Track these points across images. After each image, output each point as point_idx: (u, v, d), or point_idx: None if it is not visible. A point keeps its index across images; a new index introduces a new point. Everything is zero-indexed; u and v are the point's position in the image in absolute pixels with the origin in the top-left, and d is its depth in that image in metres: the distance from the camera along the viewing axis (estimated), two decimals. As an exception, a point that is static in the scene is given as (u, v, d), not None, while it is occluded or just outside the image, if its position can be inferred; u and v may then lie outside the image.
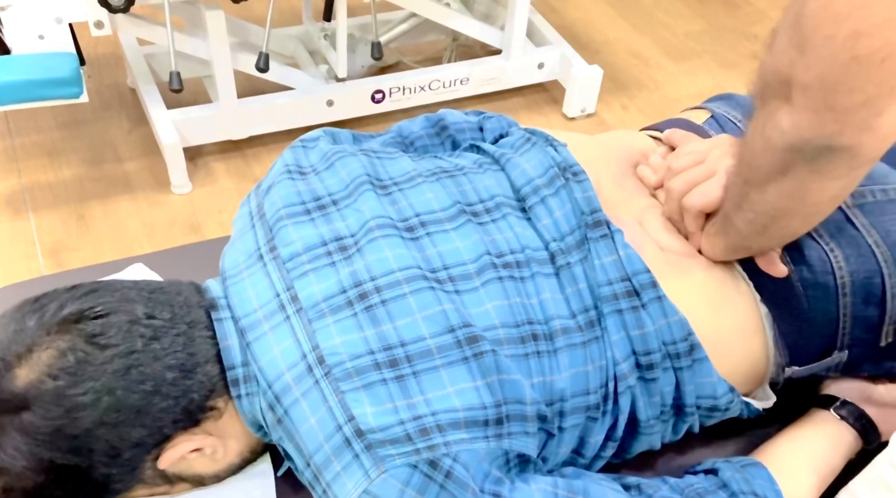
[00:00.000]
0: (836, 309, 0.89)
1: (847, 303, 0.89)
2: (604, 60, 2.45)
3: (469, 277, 0.82)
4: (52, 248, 1.86)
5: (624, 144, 1.02)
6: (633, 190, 0.96)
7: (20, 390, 0.74)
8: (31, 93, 1.70)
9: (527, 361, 0.80)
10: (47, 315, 0.77)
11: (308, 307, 0.79)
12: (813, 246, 0.89)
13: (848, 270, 0.88)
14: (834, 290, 0.88)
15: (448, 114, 1.10)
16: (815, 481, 0.90)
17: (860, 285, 0.89)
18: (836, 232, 0.89)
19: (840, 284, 0.88)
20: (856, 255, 0.89)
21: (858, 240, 0.89)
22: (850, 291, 0.89)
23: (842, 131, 0.68)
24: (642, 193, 0.97)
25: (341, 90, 2.10)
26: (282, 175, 0.92)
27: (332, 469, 0.74)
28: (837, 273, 0.88)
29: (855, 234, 0.89)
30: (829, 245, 0.89)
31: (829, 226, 0.89)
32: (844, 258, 0.88)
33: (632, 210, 0.94)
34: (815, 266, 0.88)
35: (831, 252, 0.88)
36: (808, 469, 0.90)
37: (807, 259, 0.89)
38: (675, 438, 0.93)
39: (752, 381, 0.93)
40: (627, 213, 0.93)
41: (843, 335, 0.91)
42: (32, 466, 0.75)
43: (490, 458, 0.75)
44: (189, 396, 0.79)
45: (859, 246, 0.89)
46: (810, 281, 0.89)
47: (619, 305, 0.84)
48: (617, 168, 0.97)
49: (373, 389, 0.75)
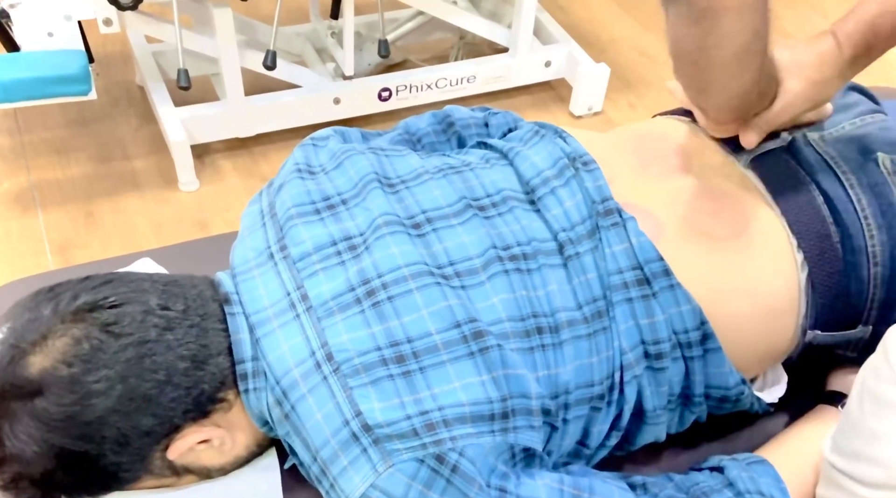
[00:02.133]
0: (867, 277, 0.90)
1: (877, 273, 0.90)
2: (611, 58, 2.45)
3: (475, 271, 0.83)
4: (61, 244, 1.87)
5: (645, 130, 1.02)
6: (660, 174, 0.95)
7: (34, 377, 0.75)
8: (40, 90, 1.71)
9: (532, 355, 0.81)
10: (62, 304, 0.78)
11: (317, 305, 0.80)
12: (850, 211, 0.90)
13: (879, 239, 0.90)
14: (866, 257, 0.90)
15: (454, 110, 1.10)
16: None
17: (889, 256, 0.90)
18: (874, 200, 0.91)
19: (871, 252, 0.90)
20: (888, 225, 0.90)
21: (894, 209, 0.91)
22: (881, 261, 0.90)
23: None
24: (672, 175, 0.95)
25: (348, 88, 2.10)
26: (292, 174, 0.93)
27: (340, 463, 0.75)
28: (869, 241, 0.90)
29: (892, 201, 0.91)
30: (864, 212, 0.90)
31: (868, 192, 0.91)
32: (877, 227, 0.90)
33: (659, 195, 0.92)
34: (851, 230, 0.90)
35: (864, 219, 0.90)
36: (813, 467, 0.90)
37: (846, 223, 0.90)
38: (681, 429, 0.93)
39: (767, 360, 0.94)
40: (652, 198, 0.92)
41: (870, 308, 0.92)
42: (44, 452, 0.76)
43: (496, 452, 0.76)
44: (200, 387, 0.80)
45: (893, 216, 0.91)
46: (848, 245, 0.90)
47: (630, 294, 0.85)
48: (640, 153, 0.97)
49: (380, 384, 0.75)
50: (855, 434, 0.73)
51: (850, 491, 0.73)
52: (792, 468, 0.89)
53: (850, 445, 0.74)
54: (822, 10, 2.79)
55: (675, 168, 0.96)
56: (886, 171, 0.92)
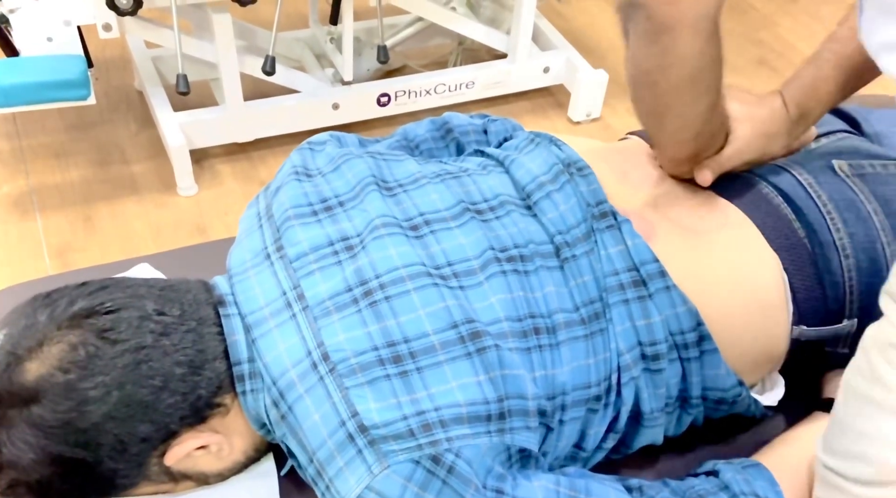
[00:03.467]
0: (840, 270, 0.92)
1: (850, 265, 0.92)
2: (609, 65, 2.45)
3: (473, 272, 0.83)
4: (59, 248, 1.87)
5: (626, 146, 1.05)
6: (639, 182, 0.98)
7: (30, 383, 0.75)
8: (40, 94, 1.71)
9: (529, 355, 0.81)
10: (58, 310, 0.78)
11: (314, 305, 0.80)
12: (812, 207, 0.93)
13: (847, 231, 0.92)
14: (834, 250, 0.91)
15: (453, 117, 1.11)
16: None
17: (861, 249, 0.92)
18: (835, 195, 0.93)
19: (840, 245, 0.91)
20: (854, 218, 0.92)
21: (857, 204, 0.93)
22: (852, 253, 0.91)
23: None
24: (649, 184, 0.98)
25: (347, 93, 2.11)
26: (289, 176, 0.94)
27: (336, 464, 0.75)
28: (835, 235, 0.92)
29: (853, 197, 0.93)
30: (826, 207, 0.93)
31: (828, 189, 0.94)
32: (842, 221, 0.92)
33: (642, 199, 0.95)
34: (815, 225, 0.92)
35: (828, 214, 0.93)
36: (809, 471, 0.90)
37: (809, 219, 0.93)
38: (678, 432, 0.94)
39: (767, 361, 0.94)
40: (638, 203, 0.94)
41: (850, 301, 0.93)
42: (40, 459, 0.76)
43: (492, 453, 0.76)
44: (197, 393, 0.80)
45: (858, 210, 0.93)
46: (815, 240, 0.92)
47: (626, 295, 0.85)
48: (620, 165, 0.99)
49: (377, 384, 0.76)
50: (843, 433, 0.74)
51: (844, 490, 0.74)
52: (787, 472, 0.89)
53: (839, 444, 0.75)
54: (819, 17, 2.79)
55: (653, 175, 0.99)
56: (844, 175, 0.95)
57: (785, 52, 2.63)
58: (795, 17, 2.80)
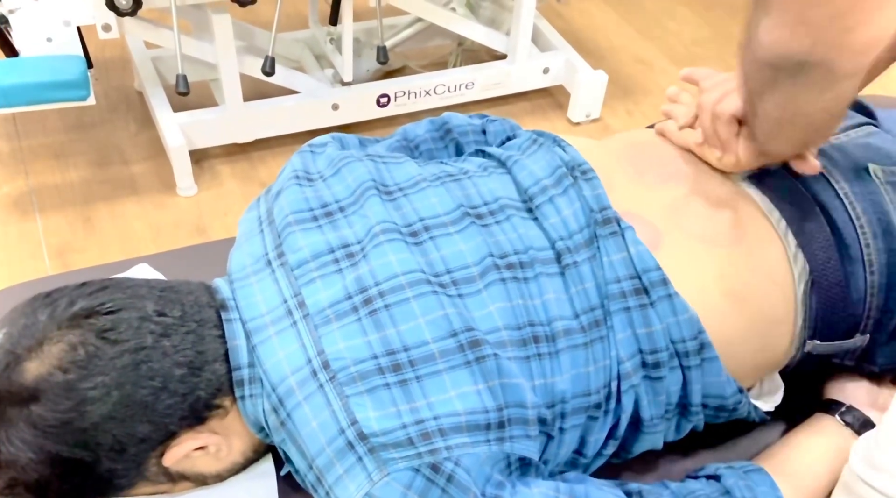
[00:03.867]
0: (864, 286, 0.90)
1: (874, 281, 0.90)
2: (609, 66, 2.45)
3: (472, 279, 0.83)
4: (59, 249, 1.87)
5: (638, 139, 1.02)
6: (656, 182, 0.95)
7: (30, 383, 0.75)
8: (39, 95, 1.71)
9: (528, 364, 0.81)
10: (58, 310, 0.78)
11: (314, 313, 0.80)
12: (846, 220, 0.91)
13: (875, 247, 0.90)
14: (862, 266, 0.90)
15: (452, 117, 1.10)
16: (817, 487, 0.90)
17: (885, 264, 0.90)
18: (869, 207, 0.91)
19: (868, 261, 0.90)
20: (883, 232, 0.90)
21: (889, 217, 0.91)
22: (878, 269, 0.90)
23: (814, 47, 0.70)
24: (667, 184, 0.95)
25: (347, 94, 2.11)
26: (290, 180, 0.93)
27: (335, 472, 0.75)
28: (864, 250, 0.90)
29: (886, 209, 0.91)
30: (860, 221, 0.91)
31: (863, 200, 0.91)
32: (872, 235, 0.90)
33: (656, 203, 0.93)
34: (848, 240, 0.90)
35: (860, 228, 0.90)
36: (811, 476, 0.91)
37: (842, 232, 0.90)
38: (678, 438, 0.93)
39: (763, 369, 0.94)
40: (650, 207, 0.92)
41: (868, 317, 0.92)
42: (39, 458, 0.76)
43: (491, 461, 0.76)
44: (196, 394, 0.80)
45: (888, 224, 0.91)
46: (846, 255, 0.90)
47: (627, 303, 0.84)
48: (636, 162, 0.97)
49: (376, 393, 0.75)
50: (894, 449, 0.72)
51: None
52: (790, 477, 0.89)
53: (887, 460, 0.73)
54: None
55: (671, 176, 0.96)
56: (878, 181, 0.93)
57: (785, 53, 2.63)
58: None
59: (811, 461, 0.92)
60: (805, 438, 0.94)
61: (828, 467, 0.91)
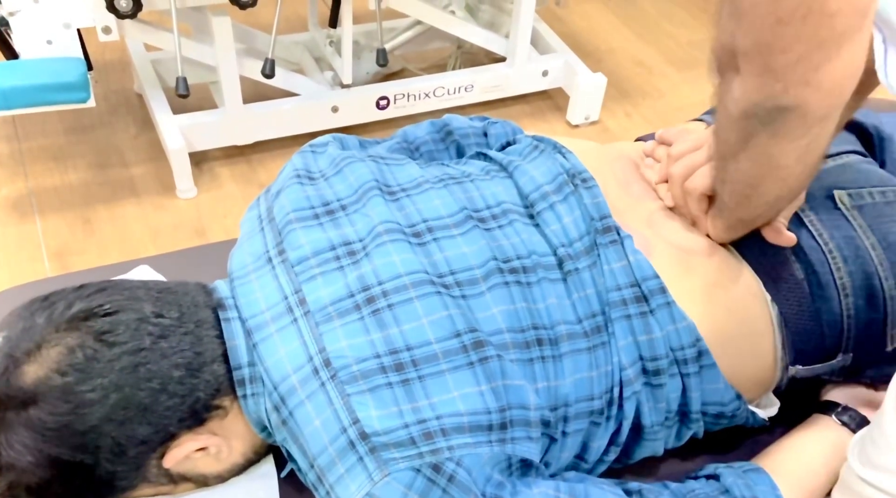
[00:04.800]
0: (839, 310, 0.91)
1: (849, 304, 0.90)
2: (607, 69, 2.45)
3: (475, 282, 0.83)
4: (58, 251, 1.87)
5: (626, 152, 1.03)
6: (640, 194, 0.97)
7: (28, 386, 0.75)
8: (40, 97, 1.71)
9: (531, 366, 0.81)
10: (56, 313, 0.78)
11: (316, 310, 0.80)
12: (814, 247, 0.91)
13: (847, 270, 0.90)
14: (835, 290, 0.90)
15: (453, 119, 1.10)
16: (815, 486, 0.91)
17: (860, 286, 0.90)
18: (836, 233, 0.91)
19: (840, 284, 0.90)
20: (853, 256, 0.90)
21: (857, 241, 0.91)
22: (851, 292, 0.90)
23: (786, 90, 0.69)
24: (650, 197, 0.97)
25: (346, 96, 2.11)
26: (291, 179, 0.93)
27: (336, 471, 0.75)
28: (836, 274, 0.90)
29: (853, 234, 0.91)
30: (827, 246, 0.91)
31: (829, 227, 0.91)
32: (843, 259, 0.90)
33: (639, 215, 0.94)
34: (816, 266, 0.90)
35: (829, 253, 0.90)
36: (809, 475, 0.91)
37: (810, 260, 0.90)
38: (678, 444, 0.94)
39: (758, 385, 0.94)
40: (635, 218, 0.94)
41: (847, 338, 0.92)
42: (38, 461, 0.76)
43: (493, 462, 0.76)
44: (195, 395, 0.80)
45: (857, 248, 0.91)
46: (815, 281, 0.90)
47: (628, 311, 0.85)
48: (622, 174, 0.98)
49: (378, 392, 0.76)
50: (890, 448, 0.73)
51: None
52: (788, 477, 0.89)
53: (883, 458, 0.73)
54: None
55: (653, 190, 0.98)
56: (844, 207, 0.93)
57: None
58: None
59: (809, 460, 0.92)
60: (802, 438, 0.95)
61: (826, 466, 0.92)
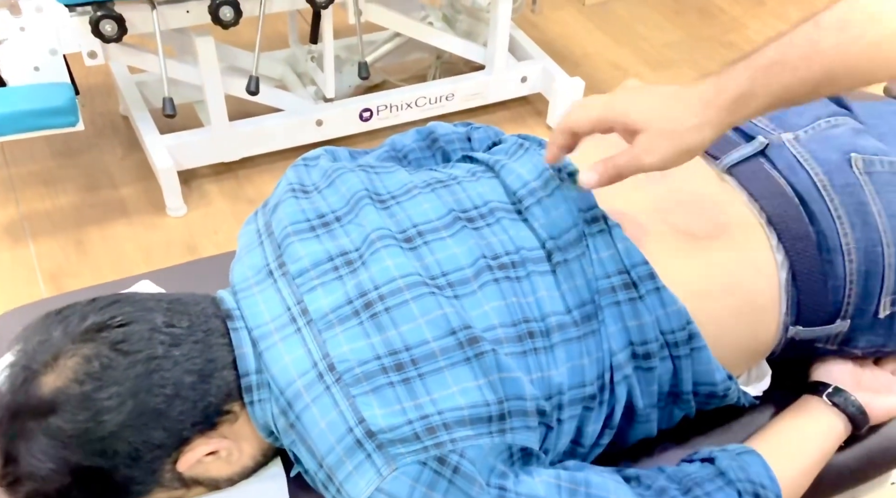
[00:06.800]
0: (843, 273, 0.94)
1: (853, 269, 0.94)
2: (584, 73, 2.50)
3: (467, 281, 0.86)
4: (52, 273, 1.89)
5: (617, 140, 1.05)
6: (640, 181, 0.94)
7: (47, 396, 0.78)
8: (29, 123, 1.74)
9: (525, 359, 0.84)
10: (71, 325, 0.81)
11: (317, 319, 0.83)
12: (824, 212, 0.94)
13: (853, 237, 0.94)
14: (841, 255, 0.94)
15: (437, 126, 1.14)
16: (807, 467, 0.94)
17: (863, 253, 0.94)
18: (847, 200, 0.95)
19: (846, 250, 0.94)
20: (861, 222, 0.94)
21: (866, 207, 0.95)
22: (856, 257, 0.94)
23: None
24: (650, 182, 0.95)
25: (330, 110, 2.14)
26: (287, 193, 0.97)
27: (345, 469, 0.78)
28: (843, 239, 0.94)
29: (863, 200, 0.95)
30: (837, 212, 0.94)
31: (841, 193, 0.95)
32: (850, 225, 0.94)
33: (639, 202, 0.96)
34: (826, 230, 0.94)
35: (838, 219, 0.94)
36: (801, 455, 0.94)
37: (821, 223, 0.94)
38: (671, 425, 0.97)
39: (752, 356, 0.98)
40: (633, 205, 0.95)
41: (847, 303, 0.96)
42: (59, 468, 0.78)
43: (495, 452, 0.79)
44: (207, 400, 0.83)
45: (866, 214, 0.94)
46: (824, 245, 0.94)
47: (617, 297, 0.88)
48: None
49: (381, 392, 0.79)
50: None
51: None
52: (781, 458, 0.92)
53: None
54: (786, 18, 2.86)
55: (656, 173, 0.97)
56: (858, 171, 0.97)
57: (755, 54, 2.69)
58: (763, 19, 2.86)
59: (801, 441, 0.95)
60: (794, 419, 0.98)
61: (817, 446, 0.95)
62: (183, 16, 1.84)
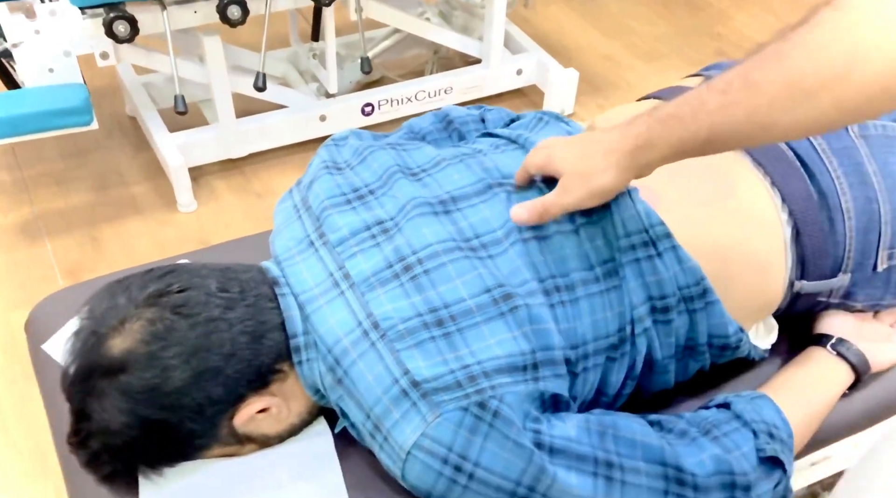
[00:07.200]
0: (843, 230, 1.01)
1: (851, 226, 1.01)
2: (578, 65, 2.56)
3: (498, 241, 0.92)
4: (70, 269, 1.94)
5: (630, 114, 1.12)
6: None
7: (117, 356, 0.84)
8: (47, 123, 1.79)
9: (553, 310, 0.90)
10: (134, 292, 0.87)
11: (359, 282, 0.90)
12: (824, 172, 1.01)
13: (852, 196, 1.01)
14: (840, 213, 1.01)
15: (452, 109, 1.20)
16: (814, 412, 1.01)
17: (861, 210, 1.01)
18: (845, 161, 1.02)
19: (845, 208, 1.01)
20: (858, 182, 1.01)
21: (862, 168, 1.02)
22: (854, 214, 1.01)
23: None
24: None
25: (333, 105, 2.20)
26: (321, 170, 1.03)
27: (392, 417, 0.84)
28: (842, 198, 1.01)
29: (860, 161, 1.02)
30: (836, 172, 1.01)
31: (839, 154, 1.01)
32: (849, 185, 1.01)
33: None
34: (826, 190, 1.01)
35: (837, 179, 1.01)
36: (808, 401, 1.01)
37: (821, 183, 1.01)
38: (686, 377, 1.03)
39: (761, 311, 1.04)
40: None
41: (847, 258, 1.03)
42: (130, 421, 0.85)
43: (529, 399, 0.85)
44: (260, 359, 0.89)
45: (862, 174, 1.01)
46: (825, 204, 1.01)
47: (637, 255, 0.94)
48: None
49: (423, 346, 0.85)
50: None
51: None
52: (789, 402, 0.99)
53: None
54: (771, 9, 2.94)
55: None
56: (854, 134, 1.04)
57: (742, 44, 2.76)
58: (749, 10, 2.94)
59: (808, 387, 1.02)
60: (801, 368, 1.05)
61: (823, 392, 1.03)
62: (191, 16, 1.89)
